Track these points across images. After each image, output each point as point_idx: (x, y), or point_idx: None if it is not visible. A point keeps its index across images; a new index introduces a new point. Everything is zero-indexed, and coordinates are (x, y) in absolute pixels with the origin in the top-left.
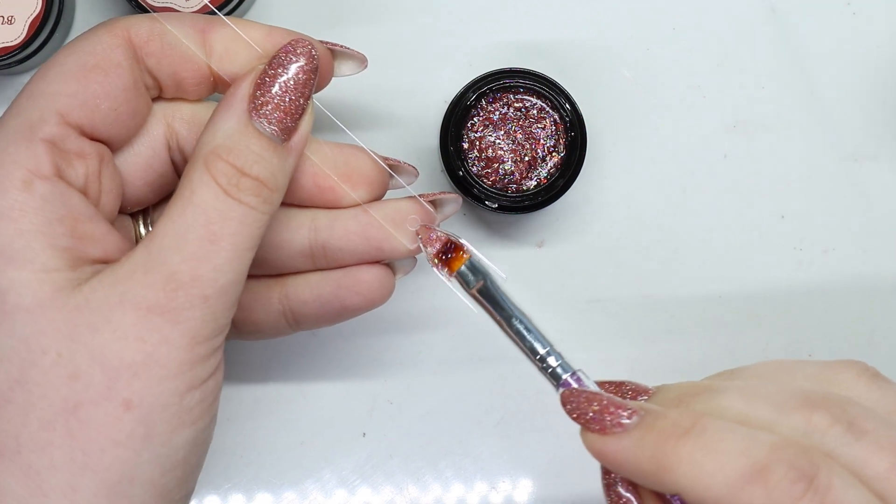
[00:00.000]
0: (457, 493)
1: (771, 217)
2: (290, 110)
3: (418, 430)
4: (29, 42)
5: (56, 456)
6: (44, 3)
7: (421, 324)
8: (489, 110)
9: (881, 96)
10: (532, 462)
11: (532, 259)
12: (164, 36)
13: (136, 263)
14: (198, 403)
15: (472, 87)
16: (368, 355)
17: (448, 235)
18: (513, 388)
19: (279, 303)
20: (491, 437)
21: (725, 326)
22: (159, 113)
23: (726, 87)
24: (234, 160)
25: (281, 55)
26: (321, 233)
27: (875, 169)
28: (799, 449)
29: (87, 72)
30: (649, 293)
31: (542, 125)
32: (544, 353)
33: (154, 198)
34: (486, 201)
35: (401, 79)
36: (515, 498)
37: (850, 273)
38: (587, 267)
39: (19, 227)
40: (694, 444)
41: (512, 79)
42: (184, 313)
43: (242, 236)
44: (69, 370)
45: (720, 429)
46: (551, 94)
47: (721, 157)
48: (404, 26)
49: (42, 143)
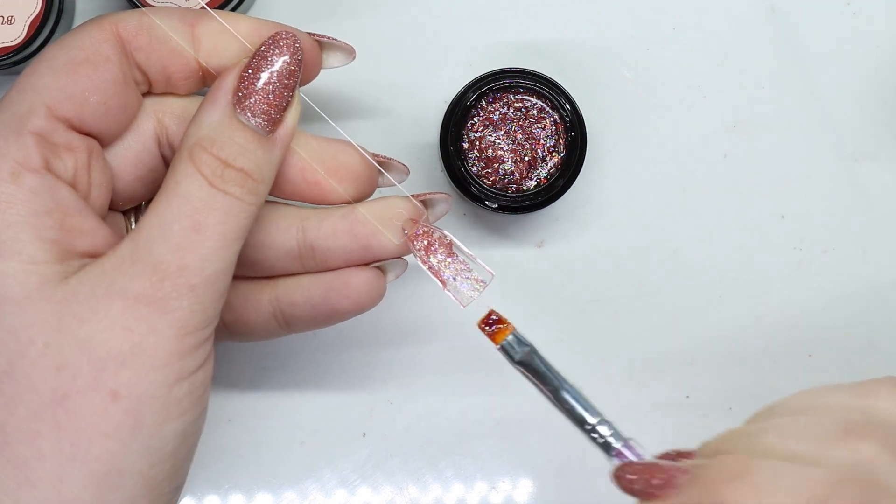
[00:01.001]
0: (457, 493)
1: (771, 217)
2: (274, 102)
3: (418, 430)
4: (29, 42)
5: (44, 447)
6: (44, 3)
7: (421, 324)
8: (489, 110)
9: (881, 96)
10: (532, 462)
11: (532, 259)
12: (153, 30)
13: (123, 255)
14: (187, 395)
15: (472, 87)
16: (368, 355)
17: (435, 230)
18: (513, 388)
19: (270, 305)
20: (491, 437)
21: (725, 326)
22: (149, 108)
23: (726, 87)
24: (218, 152)
25: (265, 47)
26: (309, 233)
27: (875, 169)
28: (854, 482)
29: (76, 66)
30: (649, 293)
31: (542, 125)
32: (595, 423)
33: (145, 194)
34: (486, 201)
35: (401, 78)
36: (515, 498)
37: (850, 273)
38: (587, 267)
39: (7, 218)
40: (747, 487)
41: (512, 79)
42: (171, 303)
43: (228, 226)
44: (56, 361)
45: (771, 468)
46: (551, 94)
47: (721, 157)
48: (404, 26)
49: (31, 135)
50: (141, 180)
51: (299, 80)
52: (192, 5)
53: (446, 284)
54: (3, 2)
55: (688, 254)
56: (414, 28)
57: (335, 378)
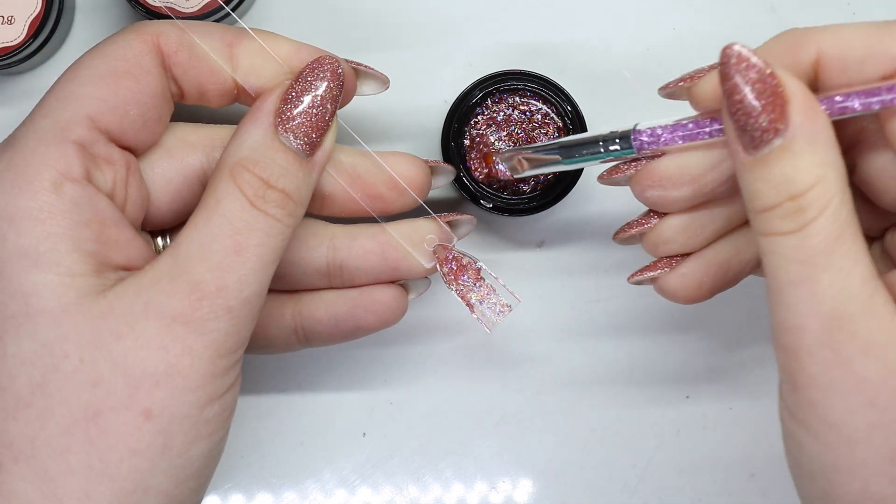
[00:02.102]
0: (457, 493)
1: None
2: (315, 126)
3: (418, 430)
4: (29, 42)
5: (73, 462)
6: (44, 3)
7: (421, 324)
8: (494, 110)
9: None
10: (532, 462)
11: (532, 259)
12: (193, 47)
13: (161, 271)
14: (216, 416)
15: (478, 85)
16: (369, 355)
17: (464, 255)
18: (513, 388)
19: (292, 319)
20: (491, 437)
21: (725, 326)
22: (198, 143)
23: None
24: (261, 172)
25: (309, 71)
26: (339, 252)
27: None
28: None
29: (119, 77)
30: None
31: (544, 131)
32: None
33: (175, 221)
34: (482, 200)
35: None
36: (515, 498)
37: None
38: (587, 267)
39: (47, 229)
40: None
41: (520, 81)
42: (208, 324)
43: (267, 248)
44: (91, 377)
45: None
46: (557, 101)
47: None
48: (404, 26)
49: (73, 145)
50: (174, 211)
51: (339, 106)
52: (191, 6)
53: (473, 309)
54: (3, 2)
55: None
56: (414, 28)
57: (335, 378)
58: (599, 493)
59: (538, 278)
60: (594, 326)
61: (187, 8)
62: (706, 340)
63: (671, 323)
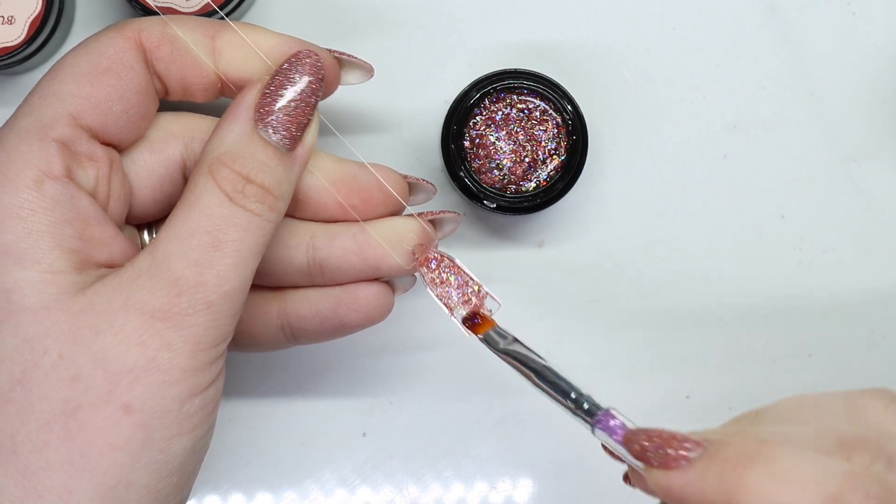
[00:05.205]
0: (457, 493)
1: (771, 217)
2: (295, 120)
3: (418, 430)
4: (29, 42)
5: (53, 457)
6: (44, 3)
7: (421, 324)
8: (492, 110)
9: (881, 96)
10: (532, 462)
11: (532, 259)
12: (175, 41)
13: (141, 268)
14: (198, 411)
15: (476, 86)
16: (368, 355)
17: (444, 256)
18: (513, 388)
19: (278, 317)
20: (491, 437)
21: (725, 326)
22: (179, 132)
23: (726, 88)
24: (240, 167)
25: (287, 65)
26: (319, 251)
27: (875, 169)
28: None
29: (100, 74)
30: (649, 293)
31: (543, 128)
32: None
33: (160, 213)
34: (485, 201)
35: (400, 78)
36: (515, 498)
37: (850, 273)
38: (587, 267)
39: (28, 226)
40: (762, 473)
41: (517, 79)
42: (187, 319)
43: (246, 243)
44: (70, 372)
45: (789, 455)
46: (554, 97)
47: (721, 157)
48: (404, 26)
49: (54, 143)
50: (159, 203)
51: (320, 99)
52: (191, 6)
53: (453, 312)
54: (3, 2)
55: (687, 254)
56: (414, 28)
57: (335, 378)
58: (599, 493)
59: (538, 278)
60: (594, 326)
61: (187, 7)
62: (706, 340)
63: (671, 323)
